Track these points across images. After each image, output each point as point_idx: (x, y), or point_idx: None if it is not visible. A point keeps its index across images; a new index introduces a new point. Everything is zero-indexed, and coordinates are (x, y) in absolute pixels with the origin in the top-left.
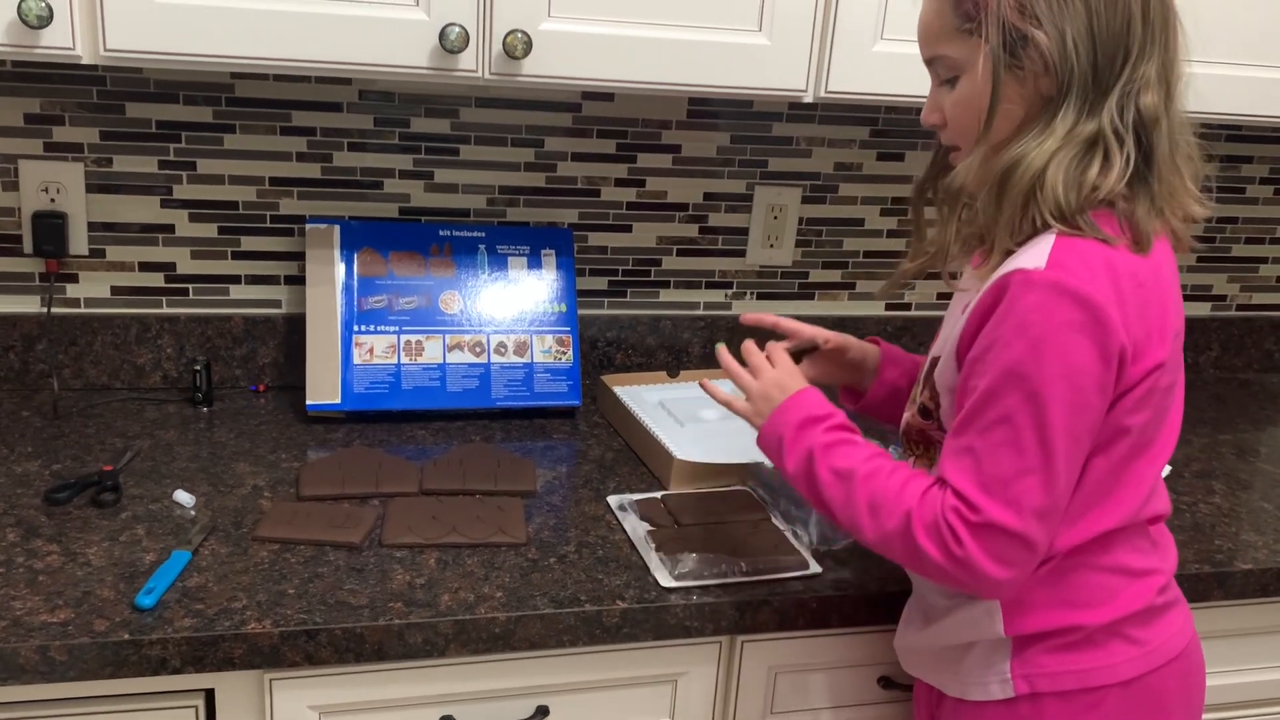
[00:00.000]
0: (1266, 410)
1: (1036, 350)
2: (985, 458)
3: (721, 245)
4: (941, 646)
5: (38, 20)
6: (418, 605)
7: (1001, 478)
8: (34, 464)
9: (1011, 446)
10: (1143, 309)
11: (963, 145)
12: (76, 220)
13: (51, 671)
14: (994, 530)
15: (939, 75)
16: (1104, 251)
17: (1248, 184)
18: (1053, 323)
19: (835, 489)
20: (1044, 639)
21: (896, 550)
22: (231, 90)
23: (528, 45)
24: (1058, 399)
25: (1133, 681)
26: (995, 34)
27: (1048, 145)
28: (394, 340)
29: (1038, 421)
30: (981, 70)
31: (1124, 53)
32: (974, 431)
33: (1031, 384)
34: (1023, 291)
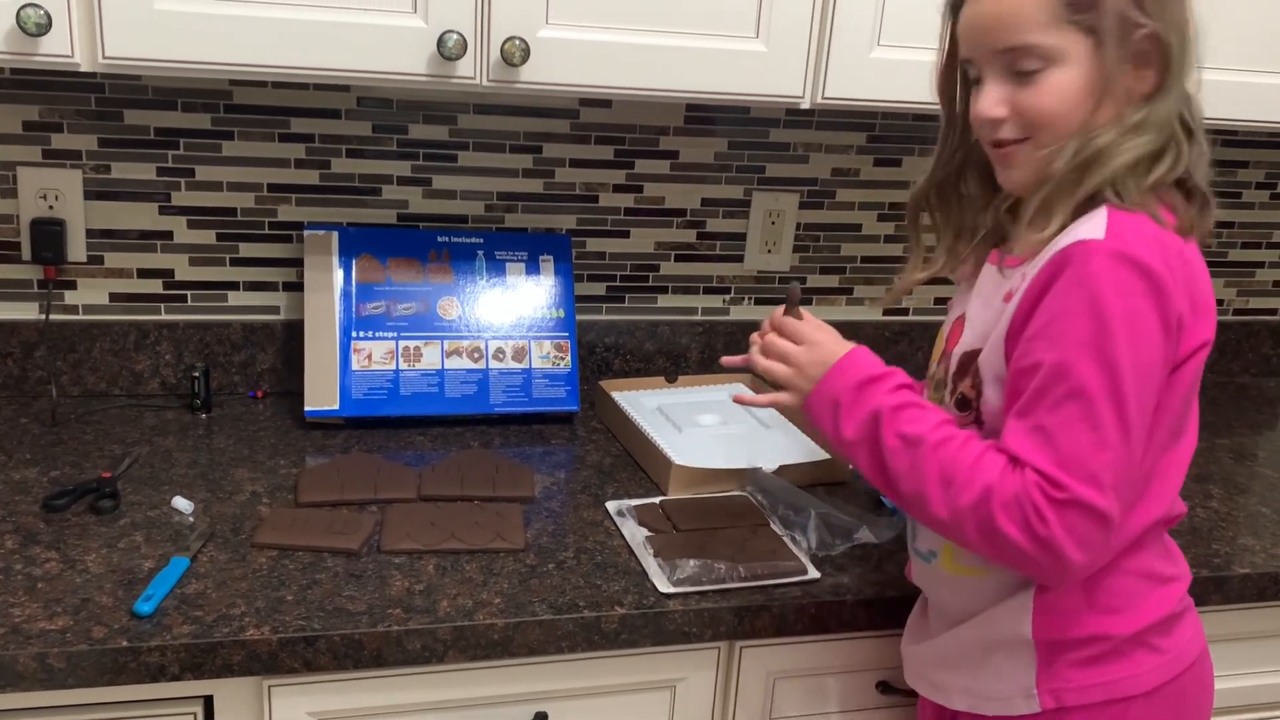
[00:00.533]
0: (1264, 414)
1: (1106, 320)
2: (1060, 435)
3: (719, 251)
4: (960, 653)
5: (36, 28)
6: (416, 611)
7: (1079, 454)
8: (32, 471)
9: (1086, 421)
10: (1189, 285)
11: (1040, 138)
12: (75, 227)
13: (50, 679)
14: (1079, 508)
15: (1013, 66)
16: (1153, 227)
17: (1244, 189)
18: (1120, 291)
19: (901, 457)
20: (1072, 649)
21: (969, 528)
22: (230, 97)
23: (525, 52)
24: (1130, 369)
25: (1155, 690)
26: (1114, 26)
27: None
28: (392, 346)
29: (1113, 393)
30: (1084, 61)
31: (1194, 54)
32: (1044, 409)
33: (1105, 355)
34: (1086, 261)
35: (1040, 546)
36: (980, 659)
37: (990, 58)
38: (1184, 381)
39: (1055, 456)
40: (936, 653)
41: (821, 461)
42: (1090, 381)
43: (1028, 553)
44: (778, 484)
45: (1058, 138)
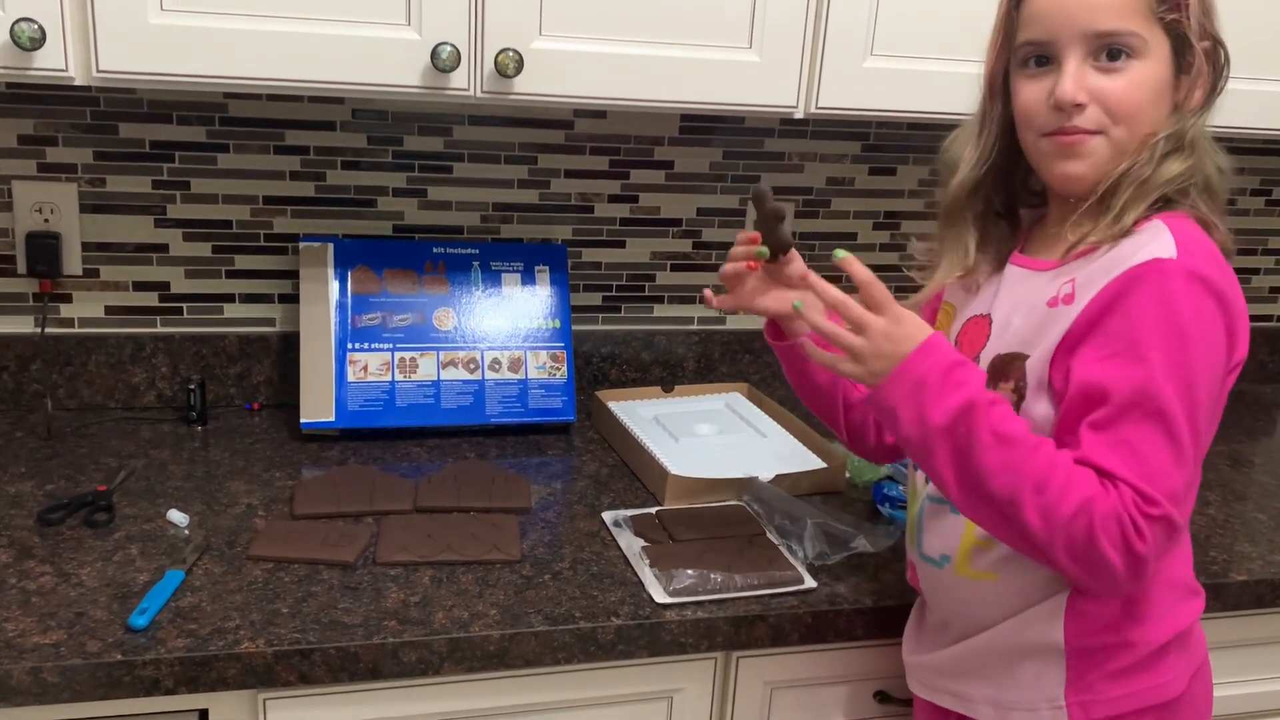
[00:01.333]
0: (1260, 421)
1: (1187, 342)
2: (1148, 451)
3: (715, 260)
4: (983, 662)
5: (30, 42)
6: (412, 623)
7: (1164, 471)
8: (27, 484)
9: (1168, 439)
10: (1237, 303)
11: (1113, 132)
12: (70, 240)
13: (44, 693)
14: (1167, 523)
15: (1101, 50)
16: (1211, 243)
17: (1239, 195)
18: (1198, 312)
19: (994, 454)
20: (1102, 657)
21: (1060, 539)
22: (225, 110)
23: (519, 64)
24: (1205, 388)
25: (1173, 700)
26: (1195, 29)
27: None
28: (388, 358)
29: (1190, 413)
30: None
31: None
32: (1129, 424)
33: (1187, 376)
34: (1164, 280)
35: (1131, 561)
36: (1005, 667)
37: (1078, 41)
38: (1223, 400)
39: (1144, 471)
40: (954, 663)
41: (818, 470)
42: (1173, 402)
43: (1117, 567)
44: (774, 493)
45: (1132, 133)
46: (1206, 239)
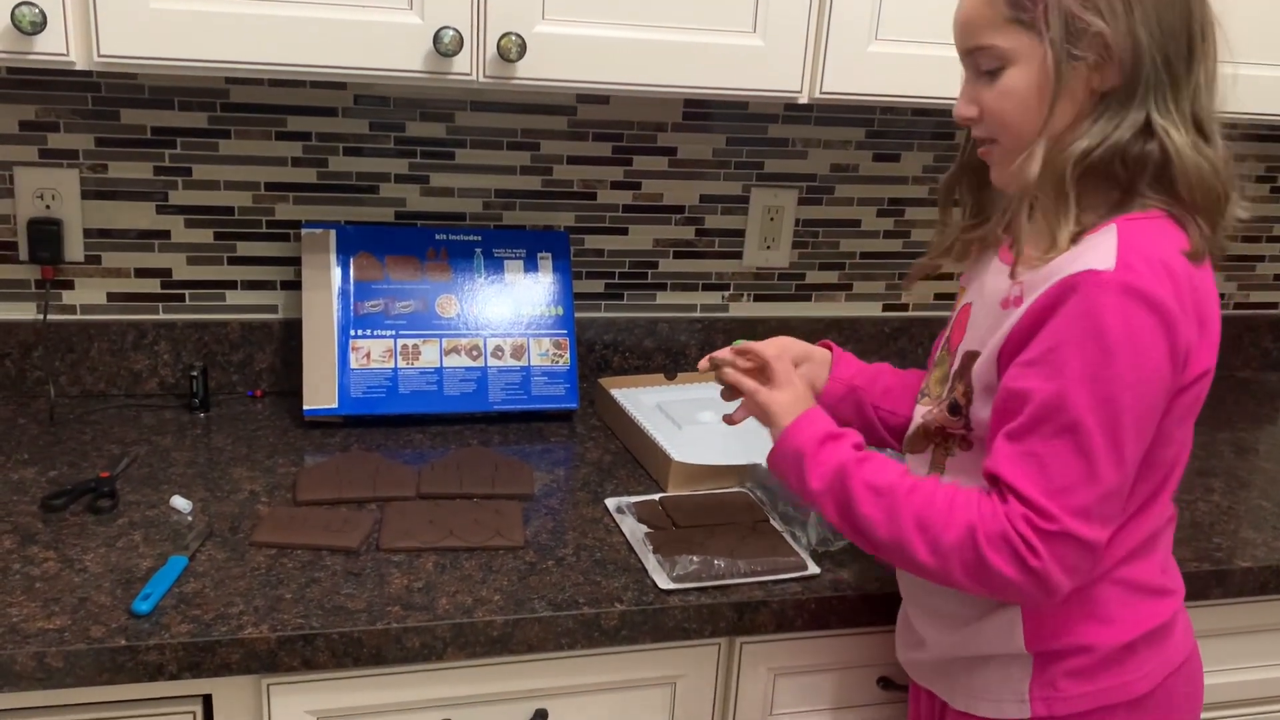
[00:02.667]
0: (1265, 408)
1: (1109, 355)
2: (1053, 465)
3: (718, 247)
4: (954, 658)
5: (31, 26)
6: (415, 609)
7: (1070, 486)
8: (30, 471)
9: (1080, 455)
10: (1196, 314)
11: (1003, 139)
12: (72, 227)
13: (48, 678)
14: (1068, 540)
15: (979, 67)
16: (1163, 254)
17: (1244, 182)
18: (1128, 327)
19: (874, 507)
20: (1065, 658)
21: (955, 567)
22: (226, 95)
23: (522, 48)
24: (1131, 405)
25: (1144, 696)
26: (1058, 25)
27: (1110, 140)
28: (391, 344)
29: (1109, 428)
30: (1036, 61)
31: (1187, 51)
32: (1038, 437)
33: (1104, 390)
34: (1094, 294)
35: (1031, 578)
36: (973, 668)
37: (964, 59)
38: (1188, 405)
39: (1046, 486)
40: (932, 663)
41: None
42: (1087, 416)
43: (1018, 585)
44: (776, 480)
45: (1017, 138)
46: (1163, 244)
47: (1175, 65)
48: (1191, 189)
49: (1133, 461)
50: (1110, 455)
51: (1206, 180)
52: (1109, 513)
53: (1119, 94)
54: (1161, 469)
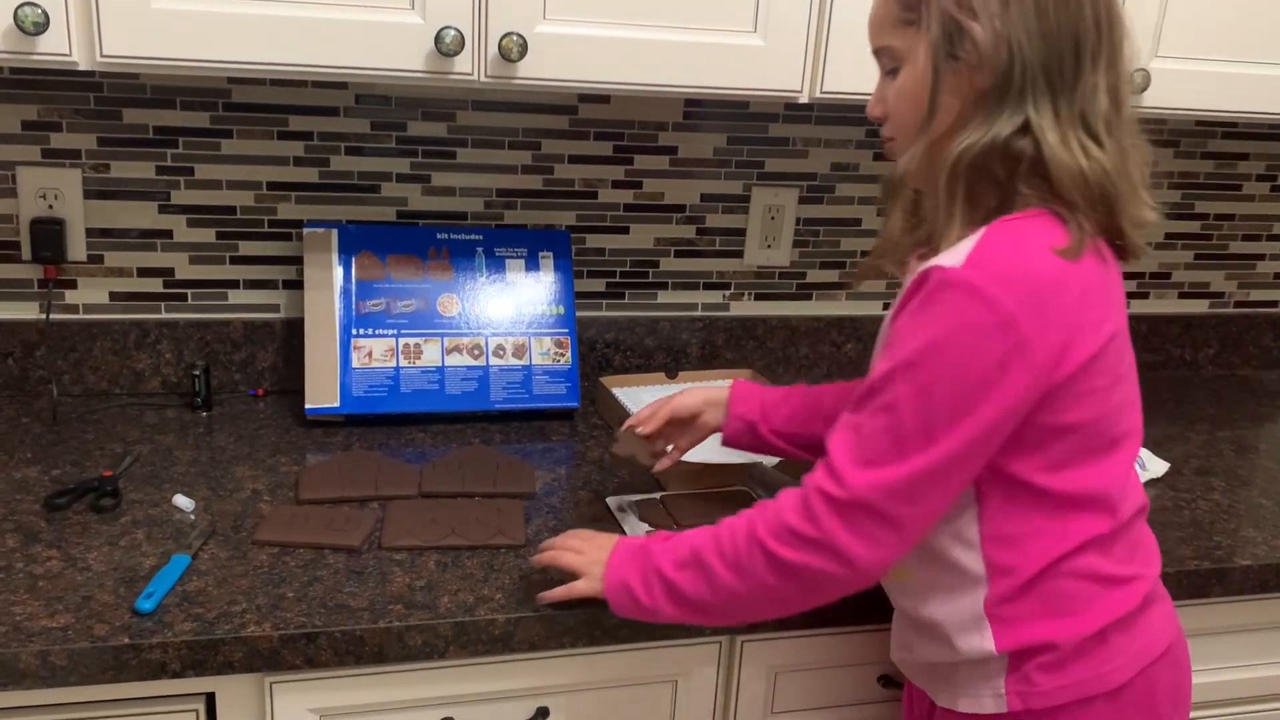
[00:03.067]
0: (1265, 407)
1: (936, 346)
2: (868, 436)
3: (719, 246)
4: (936, 669)
5: (34, 26)
6: (417, 607)
7: (878, 459)
8: (33, 470)
9: (892, 434)
10: (1064, 310)
11: (899, 138)
12: (74, 226)
13: (52, 676)
14: (861, 508)
15: (883, 66)
16: (1026, 253)
17: (1244, 181)
18: (956, 322)
19: (695, 582)
20: (1036, 654)
21: (767, 579)
22: (228, 95)
23: (523, 48)
24: (945, 398)
25: (1123, 686)
26: (936, 25)
27: (986, 139)
28: (392, 343)
29: (922, 416)
30: (921, 61)
31: (1075, 55)
32: (865, 412)
33: (923, 377)
34: (936, 288)
35: (818, 551)
36: (956, 667)
37: (875, 58)
38: (1074, 399)
39: (857, 455)
40: (918, 663)
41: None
42: (904, 400)
43: (811, 563)
44: (778, 478)
45: (909, 137)
46: (1028, 243)
47: (1058, 68)
48: (1067, 187)
49: (947, 452)
50: (920, 441)
51: (1087, 180)
52: (918, 493)
53: (993, 94)
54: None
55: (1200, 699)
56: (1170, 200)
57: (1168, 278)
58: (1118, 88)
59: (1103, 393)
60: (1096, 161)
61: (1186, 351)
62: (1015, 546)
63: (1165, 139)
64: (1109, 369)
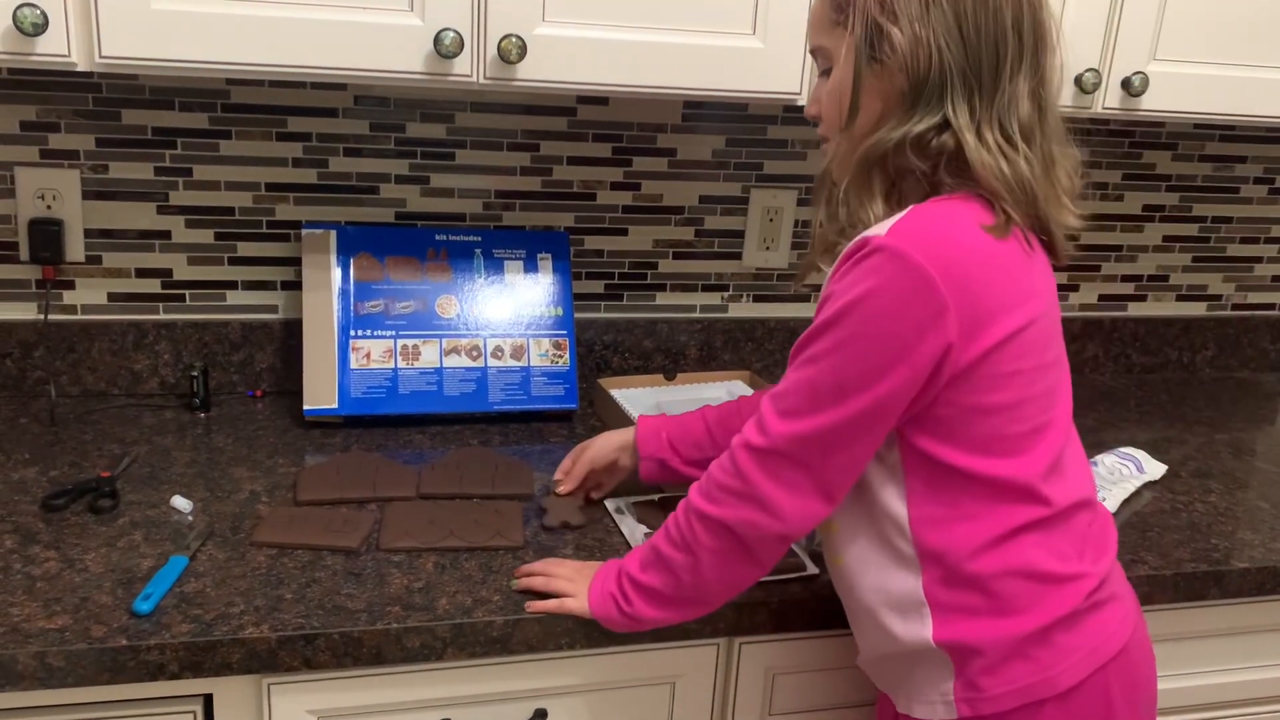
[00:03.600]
0: (1263, 409)
1: (856, 307)
2: (790, 389)
3: (717, 248)
4: (881, 656)
5: (33, 28)
6: (415, 609)
7: (797, 409)
8: (31, 470)
9: (811, 386)
10: (985, 284)
11: (830, 136)
12: (73, 227)
13: (49, 678)
14: (777, 454)
15: (819, 66)
16: (950, 225)
17: (1242, 184)
18: (877, 284)
19: (659, 576)
20: (976, 654)
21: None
22: (227, 96)
23: (522, 50)
24: (860, 355)
25: (1072, 690)
26: (859, 26)
27: (899, 133)
28: (391, 345)
29: (838, 370)
30: (843, 61)
31: (995, 62)
32: (792, 366)
33: (841, 335)
34: (863, 255)
35: (742, 499)
36: (905, 673)
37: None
38: (992, 380)
39: (780, 407)
40: (871, 665)
41: None
42: (824, 354)
43: (739, 514)
44: None
45: (833, 134)
46: (954, 218)
47: (977, 74)
48: (989, 181)
49: (858, 408)
50: (834, 394)
51: (1008, 176)
52: (831, 445)
53: (911, 95)
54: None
55: (1197, 702)
56: (1168, 203)
57: (1165, 280)
58: (1041, 95)
59: (1025, 375)
60: (1016, 164)
61: (1184, 354)
62: (944, 529)
63: (1163, 141)
64: (1031, 352)
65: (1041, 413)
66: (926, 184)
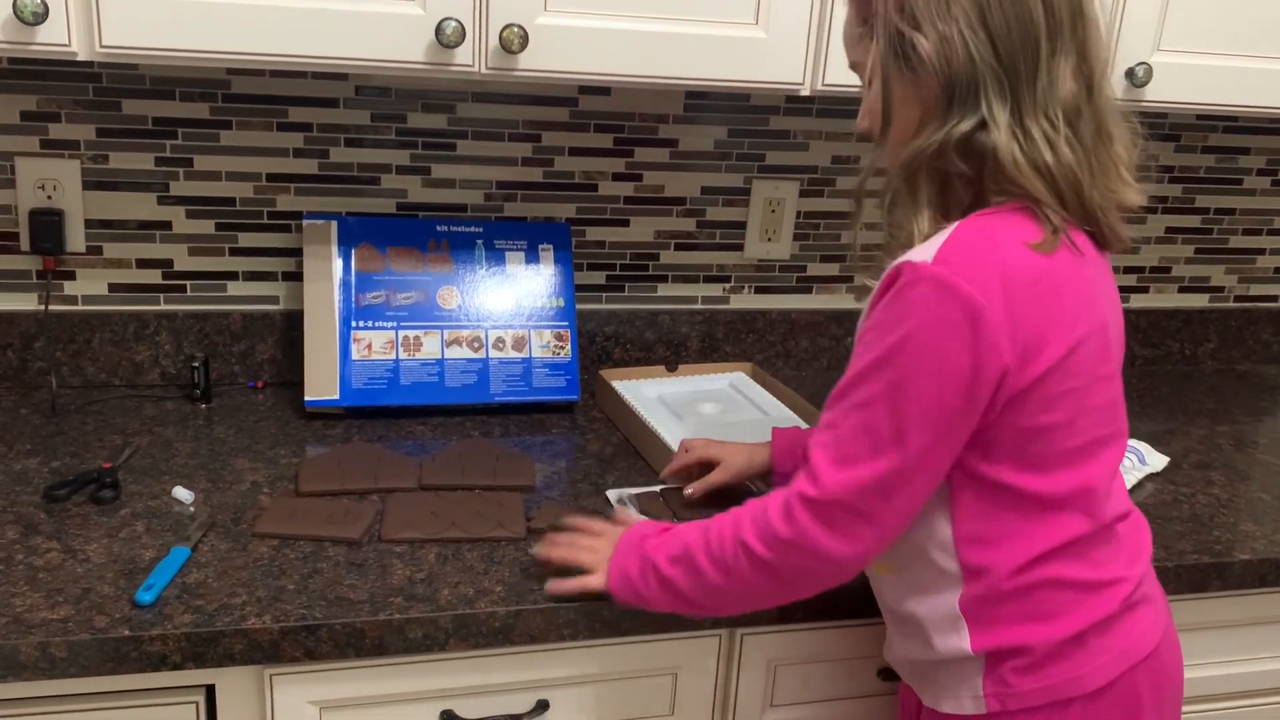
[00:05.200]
0: (1264, 401)
1: (906, 342)
2: (843, 436)
3: (719, 239)
4: (914, 660)
5: (33, 16)
6: (417, 600)
7: (853, 456)
8: (33, 461)
9: (867, 431)
10: (1038, 306)
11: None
12: (73, 217)
13: (52, 668)
14: (837, 506)
15: (861, 80)
16: (996, 248)
17: (1245, 175)
18: (928, 318)
19: (685, 578)
20: (1011, 657)
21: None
22: (228, 86)
23: (524, 40)
24: (917, 392)
25: (1102, 689)
26: (883, 36)
27: (939, 138)
28: (392, 336)
29: (894, 411)
30: (871, 72)
31: (1029, 48)
32: (840, 410)
33: (895, 373)
34: (907, 283)
35: (788, 548)
36: (936, 671)
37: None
38: (1046, 401)
39: (835, 455)
40: (902, 655)
41: None
42: (877, 396)
43: (791, 562)
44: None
45: (877, 145)
46: (1000, 238)
47: (1011, 64)
48: (1029, 182)
49: (921, 447)
50: (892, 438)
51: (1051, 172)
52: (893, 488)
53: (944, 97)
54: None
55: (1199, 693)
56: (1171, 194)
57: (1168, 272)
58: (1087, 73)
59: (1078, 394)
60: (1059, 152)
61: (1186, 346)
62: (990, 547)
63: (1166, 133)
64: (1084, 369)
65: (1097, 426)
66: (971, 190)
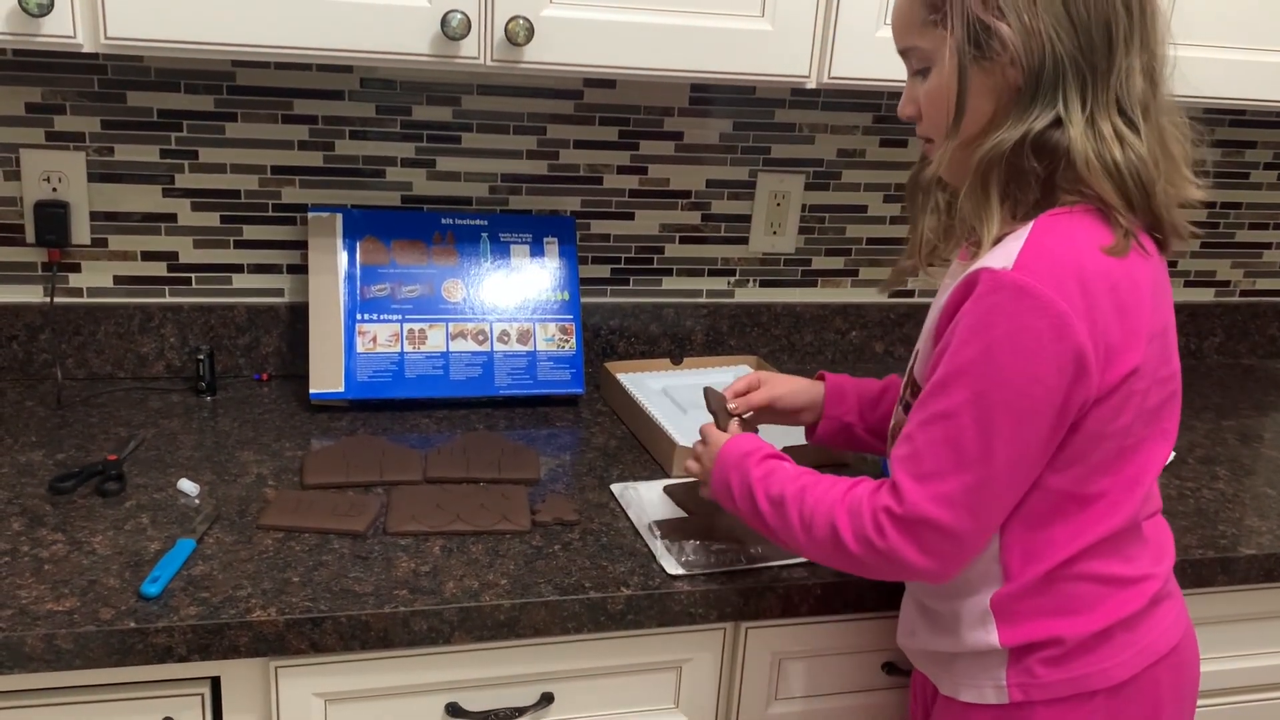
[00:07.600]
0: (1270, 396)
1: (990, 352)
2: (924, 450)
3: (724, 232)
4: (935, 651)
5: (38, 8)
6: (422, 593)
7: (936, 471)
8: (38, 454)
9: (949, 444)
10: (1116, 312)
11: (935, 138)
12: (78, 209)
13: (58, 660)
14: (921, 524)
15: (912, 67)
16: (1075, 254)
17: (1251, 169)
18: (1010, 327)
19: (774, 517)
20: (1038, 649)
21: (832, 554)
22: (233, 78)
23: (529, 32)
24: (1003, 403)
25: (1125, 683)
26: (960, 26)
27: (1017, 135)
28: (397, 329)
29: (980, 423)
30: (948, 63)
31: (1108, 41)
32: (919, 422)
33: (979, 385)
34: (987, 291)
35: (880, 558)
36: (955, 660)
37: (901, 58)
38: (1115, 406)
39: (916, 470)
40: (922, 650)
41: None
42: (960, 407)
43: (869, 563)
44: None
45: (940, 137)
46: (1076, 241)
47: (1090, 57)
48: (1100, 182)
49: (1008, 460)
50: (979, 449)
51: (1121, 171)
52: (979, 504)
53: (1026, 90)
54: (1102, 457)
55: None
56: None
57: (1174, 266)
58: (1153, 68)
59: (1140, 396)
60: (1132, 148)
61: (1192, 340)
62: (1035, 549)
63: None
64: (1149, 373)
65: (1146, 426)
66: (1040, 189)
